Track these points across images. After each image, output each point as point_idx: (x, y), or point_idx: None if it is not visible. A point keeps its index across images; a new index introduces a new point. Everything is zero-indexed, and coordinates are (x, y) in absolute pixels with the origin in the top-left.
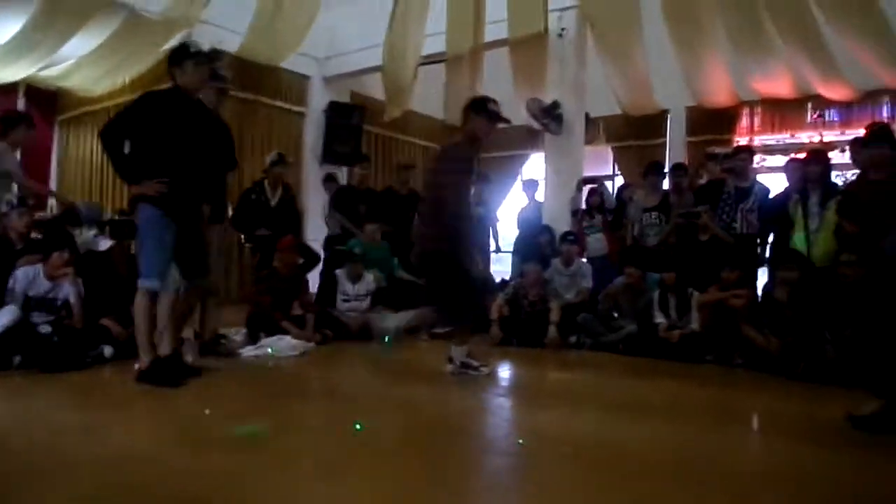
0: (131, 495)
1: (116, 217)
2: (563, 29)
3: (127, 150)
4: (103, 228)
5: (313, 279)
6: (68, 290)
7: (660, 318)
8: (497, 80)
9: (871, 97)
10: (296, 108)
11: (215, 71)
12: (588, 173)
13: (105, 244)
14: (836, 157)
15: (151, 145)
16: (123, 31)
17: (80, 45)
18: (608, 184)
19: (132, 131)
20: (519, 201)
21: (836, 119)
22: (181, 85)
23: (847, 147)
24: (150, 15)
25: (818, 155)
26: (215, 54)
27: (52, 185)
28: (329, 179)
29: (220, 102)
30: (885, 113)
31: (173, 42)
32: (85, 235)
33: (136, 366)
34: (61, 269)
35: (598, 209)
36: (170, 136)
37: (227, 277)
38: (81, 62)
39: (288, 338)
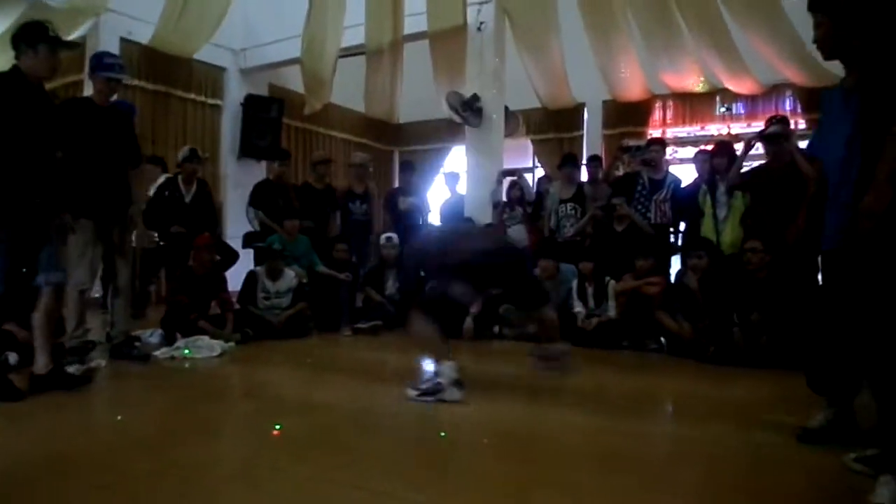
0: None
1: None
2: (481, 22)
3: None
4: None
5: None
6: None
7: (578, 308)
8: (417, 74)
9: (775, 90)
10: (211, 101)
11: (101, 59)
12: (509, 166)
13: None
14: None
15: None
16: (26, 18)
17: None
18: (528, 176)
19: None
20: (441, 194)
21: (742, 112)
22: (25, 69)
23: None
24: (54, 3)
25: (724, 146)
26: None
27: None
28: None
29: (113, 92)
30: (787, 106)
31: (79, 32)
32: None
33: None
34: None
35: (519, 201)
36: (8, 126)
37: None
38: None
39: (205, 338)
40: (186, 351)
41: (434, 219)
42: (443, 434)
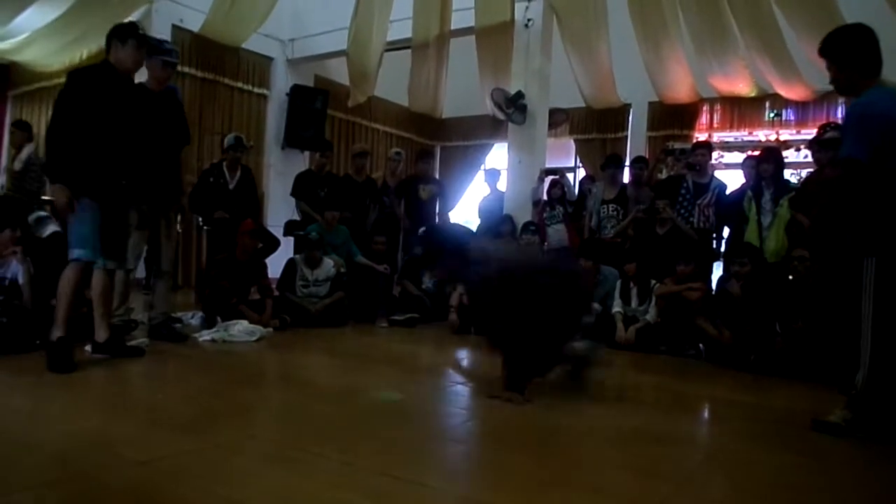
0: (79, 482)
1: None
2: (529, 19)
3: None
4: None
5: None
6: (16, 270)
7: (617, 308)
8: (461, 69)
9: (826, 97)
10: (258, 91)
11: (161, 44)
12: (551, 164)
13: (50, 229)
14: (791, 155)
15: (84, 125)
16: (81, 4)
17: (36, 18)
18: (570, 175)
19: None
20: (481, 190)
21: (791, 118)
22: (114, 60)
23: (802, 146)
24: None
25: (772, 153)
26: (163, 47)
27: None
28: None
29: (168, 78)
30: (839, 113)
31: (132, 19)
32: (30, 218)
33: (87, 348)
34: (9, 248)
35: (560, 200)
36: (101, 114)
37: (185, 260)
38: (37, 36)
39: (245, 322)
40: (226, 334)
41: (462, 212)
42: (472, 427)
